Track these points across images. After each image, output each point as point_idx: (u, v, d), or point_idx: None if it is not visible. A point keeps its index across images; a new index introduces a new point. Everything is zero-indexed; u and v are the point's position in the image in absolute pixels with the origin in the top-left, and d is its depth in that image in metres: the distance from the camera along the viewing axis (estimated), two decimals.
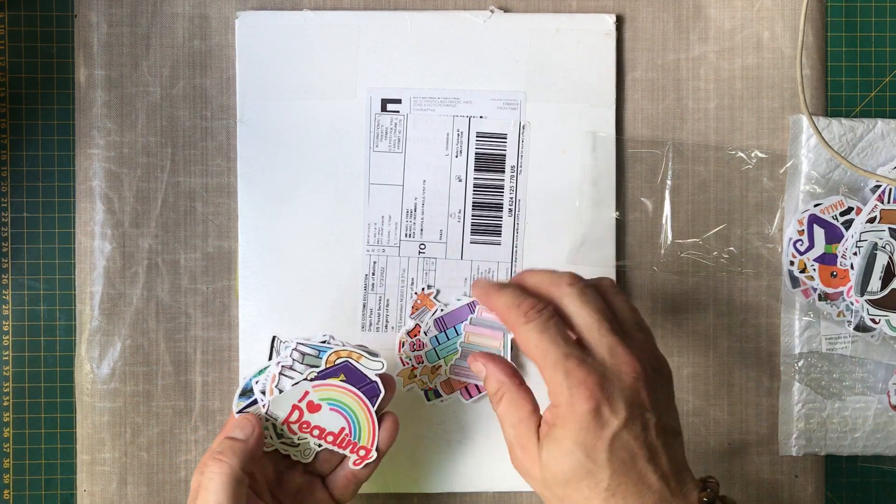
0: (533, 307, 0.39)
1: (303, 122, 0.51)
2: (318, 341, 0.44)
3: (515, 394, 0.40)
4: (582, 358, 0.37)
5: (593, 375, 0.37)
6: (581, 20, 0.52)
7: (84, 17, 0.52)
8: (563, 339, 0.38)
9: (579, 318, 0.39)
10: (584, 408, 0.36)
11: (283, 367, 0.43)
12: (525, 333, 0.39)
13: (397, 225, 0.51)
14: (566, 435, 0.37)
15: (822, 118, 0.52)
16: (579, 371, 0.37)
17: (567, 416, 0.37)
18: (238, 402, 0.43)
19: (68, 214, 0.52)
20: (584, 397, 0.36)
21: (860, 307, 0.50)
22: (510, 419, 0.40)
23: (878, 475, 0.54)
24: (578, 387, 0.36)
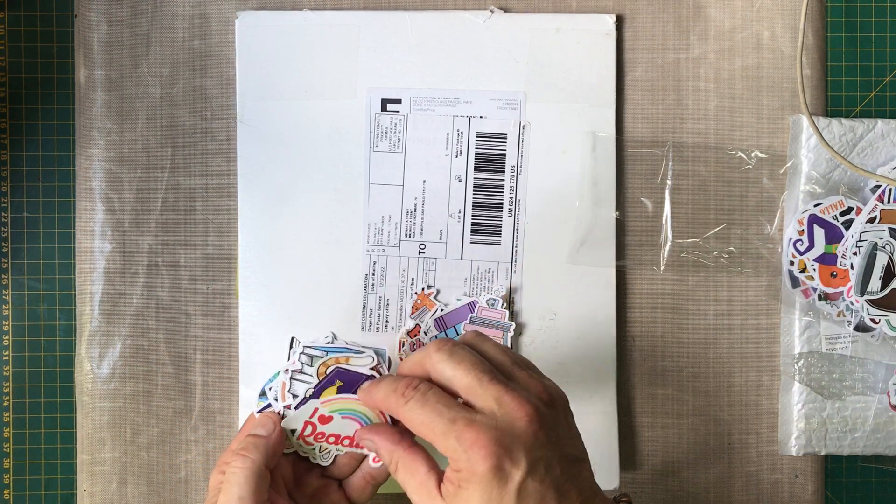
0: (408, 385, 0.39)
1: (303, 122, 0.51)
2: (323, 342, 0.44)
3: (408, 459, 0.39)
4: (469, 418, 0.36)
5: (485, 433, 0.36)
6: (581, 20, 0.52)
7: (84, 17, 0.52)
8: (445, 406, 0.37)
9: (456, 380, 0.38)
10: (484, 467, 0.35)
11: (292, 371, 0.43)
12: (408, 413, 0.38)
13: (397, 225, 0.51)
14: (471, 496, 0.36)
15: (822, 118, 0.52)
16: (469, 432, 0.36)
17: (469, 478, 0.36)
18: (258, 402, 0.44)
19: (68, 214, 0.52)
20: (481, 457, 0.35)
21: (860, 307, 0.50)
22: (409, 485, 0.39)
23: (878, 475, 0.54)
24: (472, 448, 0.36)
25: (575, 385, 0.51)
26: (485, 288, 0.51)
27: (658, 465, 0.53)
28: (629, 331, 0.53)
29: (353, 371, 0.43)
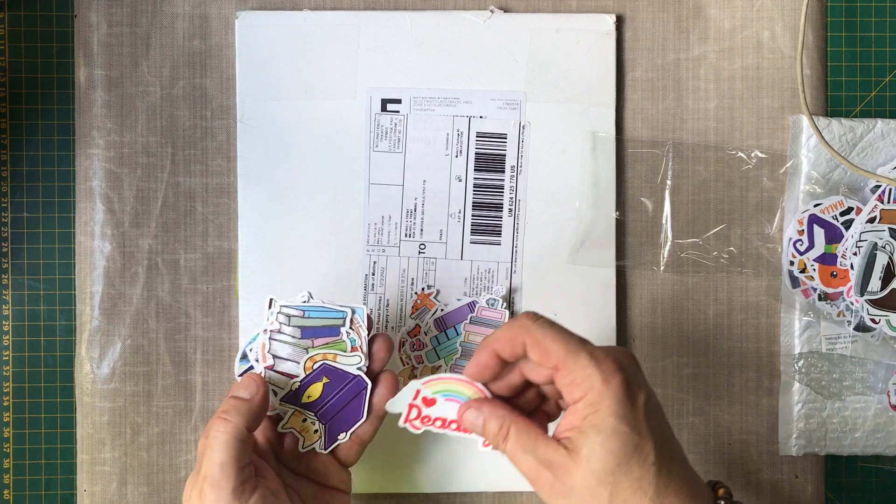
0: (530, 314, 0.39)
1: (303, 121, 0.51)
2: (300, 301, 0.44)
3: (521, 422, 0.39)
4: (593, 346, 0.38)
5: (613, 354, 0.37)
6: (581, 20, 0.52)
7: (84, 17, 0.52)
8: (570, 331, 0.38)
9: (561, 344, 0.38)
10: (618, 380, 0.36)
11: (271, 332, 0.43)
12: (538, 330, 0.38)
13: (397, 225, 0.51)
14: (605, 416, 0.36)
15: (822, 118, 0.52)
16: (599, 352, 0.37)
17: (602, 395, 0.36)
18: (239, 365, 0.44)
19: (68, 214, 0.52)
20: (614, 369, 0.36)
21: (860, 307, 0.50)
22: (525, 446, 0.38)
23: (878, 475, 0.54)
24: (606, 362, 0.37)
25: None
26: (485, 288, 0.51)
27: None
28: (629, 331, 0.53)
29: (340, 369, 0.43)
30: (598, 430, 0.36)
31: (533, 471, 0.38)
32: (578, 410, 0.37)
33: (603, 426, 0.36)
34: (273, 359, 0.43)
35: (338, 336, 0.44)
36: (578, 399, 0.37)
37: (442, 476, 0.51)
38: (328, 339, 0.44)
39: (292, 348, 0.43)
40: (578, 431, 0.36)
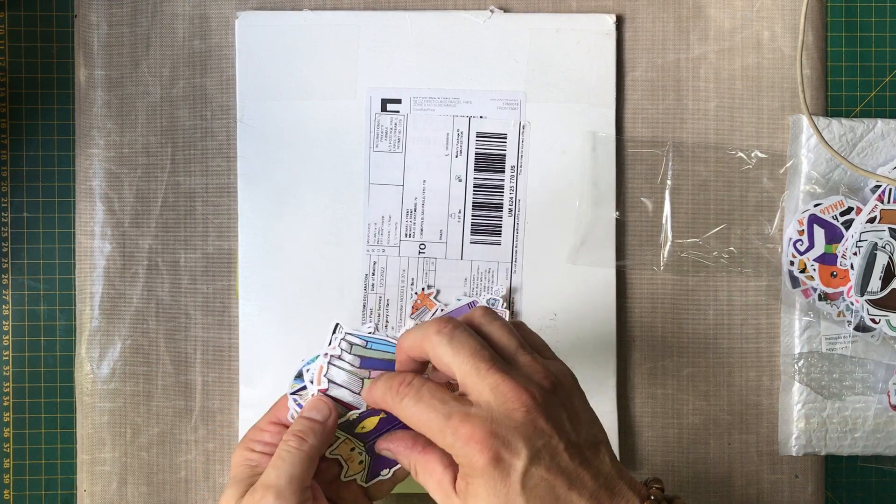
0: (402, 382, 0.38)
1: (303, 121, 0.51)
2: (366, 331, 0.43)
3: (423, 460, 0.38)
4: (465, 413, 0.36)
5: (480, 426, 0.35)
6: (581, 20, 0.52)
7: (84, 17, 0.52)
8: (440, 401, 0.37)
9: (455, 367, 0.37)
10: (483, 461, 0.35)
11: (331, 356, 0.43)
12: (404, 410, 0.38)
13: (397, 225, 0.51)
14: (478, 490, 0.35)
15: (822, 118, 0.52)
16: (464, 427, 0.35)
17: (472, 472, 0.35)
18: (293, 383, 0.43)
19: (68, 214, 0.52)
20: (478, 450, 0.35)
21: (860, 307, 0.50)
22: (429, 485, 0.38)
23: (878, 475, 0.54)
24: (469, 443, 0.35)
25: None
26: (485, 288, 0.51)
27: (658, 465, 0.53)
28: (629, 331, 0.53)
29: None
30: (475, 499, 0.36)
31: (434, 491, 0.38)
32: (462, 469, 0.37)
33: (478, 498, 0.35)
34: (328, 383, 0.42)
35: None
36: (458, 464, 0.37)
37: None
38: (386, 374, 0.42)
39: (349, 376, 0.42)
40: (465, 485, 0.36)
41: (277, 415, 0.43)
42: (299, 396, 0.43)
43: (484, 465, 0.35)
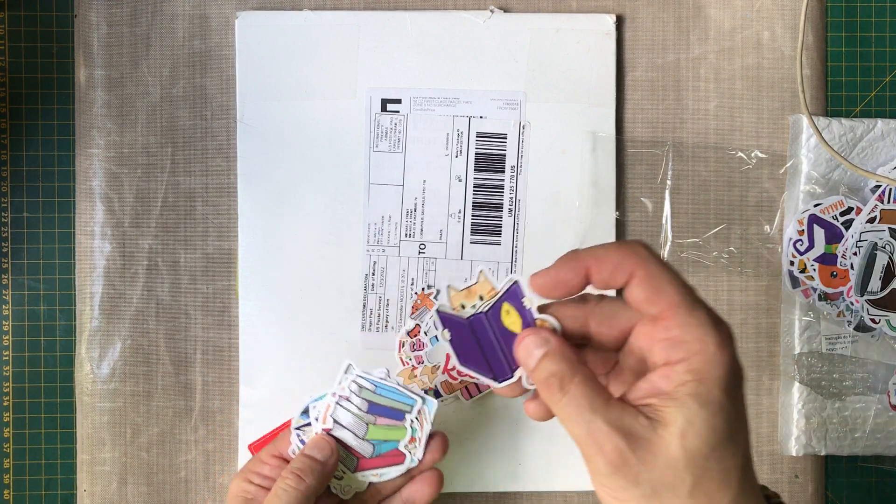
0: (643, 244, 0.33)
1: (303, 121, 0.51)
2: (377, 375, 0.42)
3: (590, 374, 0.32)
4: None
5: (723, 321, 0.31)
6: (581, 20, 0.52)
7: (84, 17, 0.52)
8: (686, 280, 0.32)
9: (672, 284, 0.31)
10: (732, 349, 0.30)
11: (339, 397, 0.42)
12: (655, 266, 0.31)
13: (397, 225, 0.51)
14: (713, 388, 0.30)
15: (822, 118, 0.52)
16: (715, 313, 0.31)
17: (714, 362, 0.30)
18: (299, 418, 0.43)
19: (68, 214, 0.52)
20: (729, 336, 0.31)
21: (860, 307, 0.50)
22: (594, 404, 0.31)
23: (879, 475, 0.54)
24: (722, 325, 0.30)
25: None
26: None
27: None
28: None
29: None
30: (702, 403, 0.30)
31: (596, 437, 0.30)
32: (672, 375, 0.30)
33: (709, 399, 0.30)
34: (333, 423, 0.42)
35: (401, 421, 0.42)
36: (677, 361, 0.30)
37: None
38: (391, 422, 0.42)
39: (355, 419, 0.42)
40: (669, 400, 0.30)
41: (279, 448, 0.43)
42: (303, 432, 0.42)
43: (730, 358, 0.31)
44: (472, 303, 0.36)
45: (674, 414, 0.30)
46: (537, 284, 0.33)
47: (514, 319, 0.35)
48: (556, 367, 0.32)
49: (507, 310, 0.35)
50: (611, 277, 0.32)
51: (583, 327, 0.34)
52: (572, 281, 0.32)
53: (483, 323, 0.36)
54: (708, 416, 0.30)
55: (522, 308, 0.35)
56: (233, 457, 0.51)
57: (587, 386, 0.31)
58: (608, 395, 0.31)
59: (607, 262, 0.32)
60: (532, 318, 0.34)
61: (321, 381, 0.51)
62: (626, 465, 0.30)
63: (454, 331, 0.36)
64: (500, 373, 0.35)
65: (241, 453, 0.51)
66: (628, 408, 0.30)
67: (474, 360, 0.35)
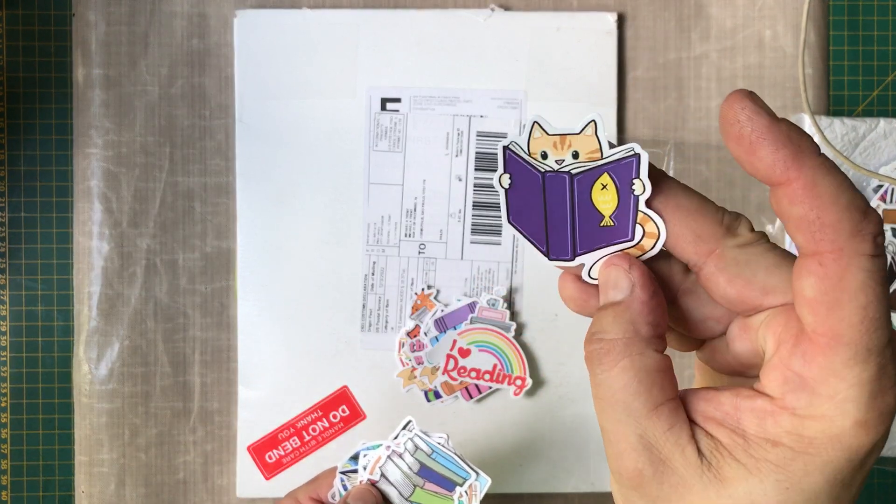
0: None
1: (302, 121, 0.51)
2: (436, 440, 0.41)
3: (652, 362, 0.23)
4: None
5: (891, 394, 0.21)
6: (582, 19, 0.52)
7: (82, 16, 0.51)
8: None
9: (856, 302, 0.20)
10: (869, 439, 0.20)
11: (393, 451, 0.41)
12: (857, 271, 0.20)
13: (397, 225, 0.51)
14: (812, 473, 0.20)
15: (825, 117, 0.51)
16: (890, 381, 0.20)
17: (835, 442, 0.20)
18: (346, 462, 0.42)
19: (66, 214, 0.52)
20: (878, 422, 0.20)
21: None
22: (631, 405, 0.22)
23: (881, 476, 0.54)
24: (879, 399, 0.20)
25: (576, 386, 0.51)
26: (485, 288, 0.51)
27: None
28: None
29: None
30: (785, 485, 0.21)
31: (618, 444, 0.22)
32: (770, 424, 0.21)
33: (799, 484, 0.21)
34: (380, 476, 0.41)
35: (450, 492, 0.41)
36: (787, 409, 0.21)
37: None
38: (439, 490, 0.41)
39: (403, 478, 0.41)
40: (744, 450, 0.21)
41: (318, 491, 0.42)
42: (347, 478, 0.42)
43: (878, 437, 0.21)
44: (559, 156, 0.26)
45: (737, 474, 0.21)
46: (730, 108, 0.21)
47: (609, 199, 0.25)
48: (612, 331, 0.23)
49: (605, 183, 0.26)
50: (796, 224, 0.21)
51: (698, 258, 0.23)
52: (759, 166, 0.21)
53: (563, 185, 0.26)
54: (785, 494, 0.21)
55: (628, 190, 0.25)
56: (231, 458, 0.51)
57: (636, 377, 0.22)
58: (664, 397, 0.22)
59: (815, 204, 0.20)
60: (634, 209, 0.25)
61: (319, 382, 0.51)
62: (644, 489, 0.22)
63: (518, 178, 0.26)
64: (557, 249, 0.27)
65: (240, 454, 0.51)
66: (680, 427, 0.22)
67: (529, 222, 0.27)
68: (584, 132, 0.26)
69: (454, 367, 0.42)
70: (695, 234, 0.23)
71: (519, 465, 0.51)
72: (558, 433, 0.51)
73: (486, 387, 0.50)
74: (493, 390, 0.50)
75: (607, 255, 0.26)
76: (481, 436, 0.51)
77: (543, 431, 0.51)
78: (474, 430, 0.51)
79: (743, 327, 0.24)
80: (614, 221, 0.25)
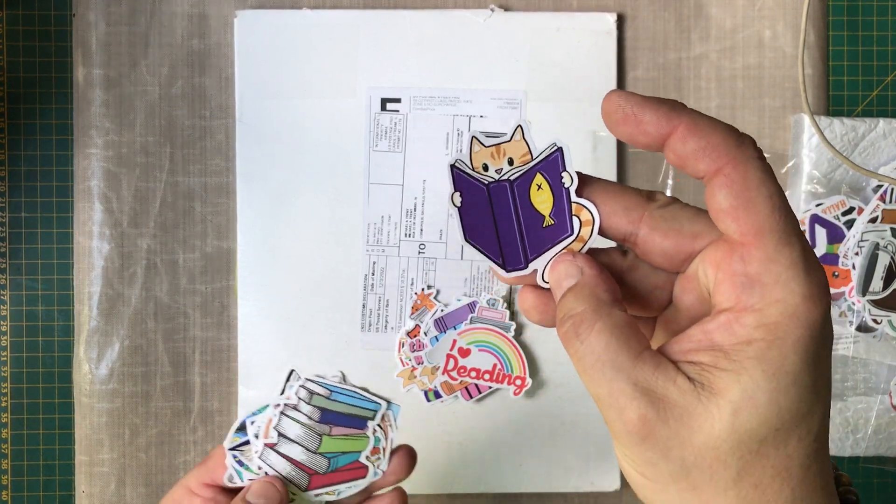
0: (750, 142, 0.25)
1: (302, 121, 0.51)
2: (331, 380, 0.36)
3: (622, 319, 0.25)
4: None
5: (819, 266, 0.24)
6: (582, 19, 0.52)
7: (82, 17, 0.51)
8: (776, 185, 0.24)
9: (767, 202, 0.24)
10: (825, 305, 0.23)
11: (285, 406, 0.36)
12: (757, 173, 0.24)
13: (397, 225, 0.51)
14: (790, 354, 0.23)
15: (824, 117, 0.51)
16: (813, 255, 0.23)
17: (798, 319, 0.23)
18: (233, 437, 0.36)
19: (67, 214, 0.52)
20: (825, 288, 0.23)
21: (862, 307, 0.50)
22: (618, 358, 0.24)
23: (881, 476, 0.54)
24: (818, 272, 0.23)
25: (576, 385, 0.51)
26: (485, 288, 0.51)
27: None
28: None
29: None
30: (771, 372, 0.23)
31: (617, 400, 0.24)
32: (738, 328, 0.23)
33: (781, 368, 0.23)
34: (278, 437, 0.36)
35: (362, 430, 0.36)
36: (747, 309, 0.23)
37: (442, 478, 0.51)
38: (349, 431, 0.36)
39: (305, 431, 0.36)
40: (727, 360, 0.23)
41: (212, 475, 0.36)
42: (240, 453, 0.36)
43: (819, 317, 0.23)
44: (497, 165, 0.28)
45: (728, 381, 0.23)
46: (609, 101, 0.25)
47: (545, 198, 0.27)
48: (578, 306, 0.25)
49: (539, 183, 0.27)
50: (693, 156, 0.24)
51: (632, 227, 0.26)
52: (648, 129, 0.25)
53: (506, 193, 0.28)
54: (775, 392, 0.22)
55: (560, 185, 0.27)
56: None
57: (612, 335, 0.24)
58: (641, 346, 0.24)
59: (701, 135, 0.24)
60: (567, 202, 0.27)
61: None
62: (653, 435, 0.23)
63: (467, 194, 0.28)
64: (512, 260, 0.28)
65: None
66: (665, 365, 0.24)
67: (483, 237, 0.28)
68: (514, 138, 0.28)
69: (454, 366, 0.42)
70: (623, 207, 0.26)
71: (519, 464, 0.51)
72: (558, 433, 0.51)
73: (486, 387, 0.50)
74: (493, 390, 0.50)
75: (554, 257, 0.28)
76: (482, 435, 0.51)
77: (543, 431, 0.51)
78: (474, 430, 0.51)
79: (685, 281, 0.27)
80: (554, 219, 0.27)
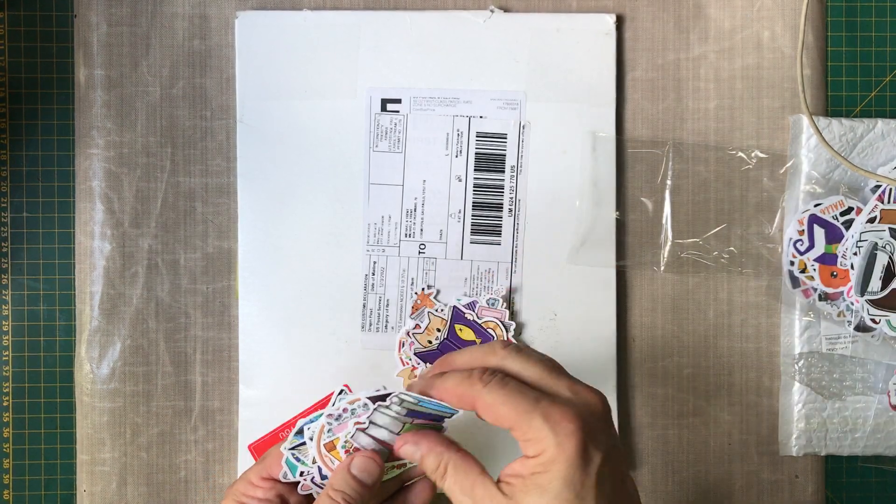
0: (485, 372, 0.37)
1: (302, 121, 0.51)
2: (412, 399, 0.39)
3: (460, 459, 0.38)
4: (552, 399, 0.36)
5: (572, 411, 0.35)
6: (581, 20, 0.52)
7: (84, 17, 0.51)
8: (527, 388, 0.37)
9: (528, 372, 0.37)
10: (572, 446, 0.34)
11: (380, 405, 0.39)
12: (488, 395, 0.36)
13: (397, 225, 0.51)
14: (553, 479, 0.34)
15: (823, 118, 0.52)
16: (556, 410, 0.35)
17: (554, 458, 0.35)
18: (291, 438, 0.40)
19: (68, 214, 0.52)
20: (570, 433, 0.35)
21: (860, 307, 0.50)
22: (462, 486, 0.37)
23: (879, 475, 0.54)
24: (561, 424, 0.35)
25: None
26: (485, 288, 0.51)
27: (658, 465, 0.53)
28: (629, 331, 0.53)
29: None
30: (541, 491, 0.35)
31: None
32: (529, 464, 0.36)
33: (548, 488, 0.35)
34: (368, 423, 0.39)
35: (440, 422, 0.40)
36: (532, 456, 0.36)
37: None
38: (428, 422, 0.40)
39: (392, 421, 0.39)
40: (522, 483, 0.35)
41: (269, 470, 0.40)
42: (298, 452, 0.40)
43: (572, 450, 0.35)
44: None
45: (521, 497, 0.35)
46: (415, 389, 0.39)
47: None
48: (431, 463, 0.38)
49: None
50: (464, 405, 0.38)
51: (470, 407, 0.38)
52: (445, 396, 0.38)
53: None
54: (548, 502, 0.35)
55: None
56: (233, 457, 0.51)
57: (458, 471, 0.37)
58: (476, 474, 0.37)
59: (452, 395, 0.38)
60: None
61: (320, 381, 0.51)
62: None
63: None
64: None
65: (241, 453, 0.51)
66: (490, 486, 0.36)
67: None
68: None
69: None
70: (457, 396, 0.38)
71: None
72: None
73: None
74: None
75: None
76: (481, 435, 0.51)
77: None
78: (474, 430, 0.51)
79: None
80: None
